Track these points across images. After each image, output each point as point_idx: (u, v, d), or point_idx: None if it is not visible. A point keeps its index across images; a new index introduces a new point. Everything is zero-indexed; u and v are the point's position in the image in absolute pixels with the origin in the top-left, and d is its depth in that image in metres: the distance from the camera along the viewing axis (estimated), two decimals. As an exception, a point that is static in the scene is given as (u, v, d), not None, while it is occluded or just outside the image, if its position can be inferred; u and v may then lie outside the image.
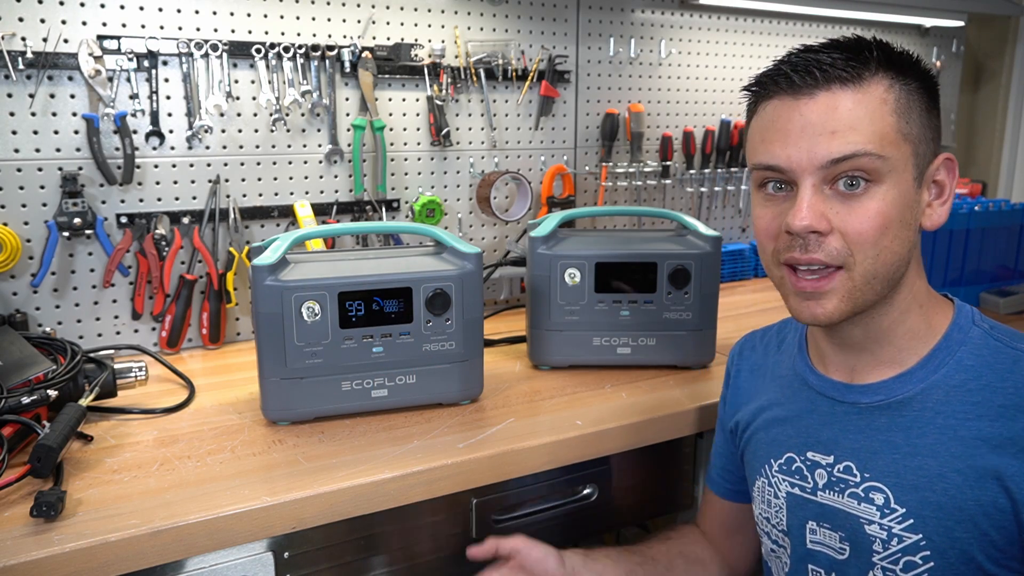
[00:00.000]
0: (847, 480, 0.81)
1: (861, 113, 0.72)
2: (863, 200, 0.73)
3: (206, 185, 1.47)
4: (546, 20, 1.76)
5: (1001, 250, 1.75)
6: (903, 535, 0.76)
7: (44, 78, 1.31)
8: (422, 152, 1.67)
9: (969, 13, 2.31)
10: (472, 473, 1.01)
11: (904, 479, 0.76)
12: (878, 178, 0.73)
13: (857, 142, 0.72)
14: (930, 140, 0.76)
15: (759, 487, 0.92)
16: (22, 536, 0.81)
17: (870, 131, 0.72)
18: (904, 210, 0.74)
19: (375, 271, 1.11)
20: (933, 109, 0.77)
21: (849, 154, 0.72)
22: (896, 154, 0.73)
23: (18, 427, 0.96)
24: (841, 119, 0.72)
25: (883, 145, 0.72)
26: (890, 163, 0.73)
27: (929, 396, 0.77)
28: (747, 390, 0.98)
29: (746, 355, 1.01)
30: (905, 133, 0.73)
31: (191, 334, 1.49)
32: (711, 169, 2.05)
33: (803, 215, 0.73)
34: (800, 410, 0.88)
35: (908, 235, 0.75)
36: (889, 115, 0.73)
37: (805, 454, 0.86)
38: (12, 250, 1.30)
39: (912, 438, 0.77)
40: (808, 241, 0.74)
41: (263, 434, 1.07)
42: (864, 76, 0.73)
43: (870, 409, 0.81)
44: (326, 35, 1.52)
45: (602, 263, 1.28)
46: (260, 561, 0.92)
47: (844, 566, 0.82)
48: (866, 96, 0.73)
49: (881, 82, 0.73)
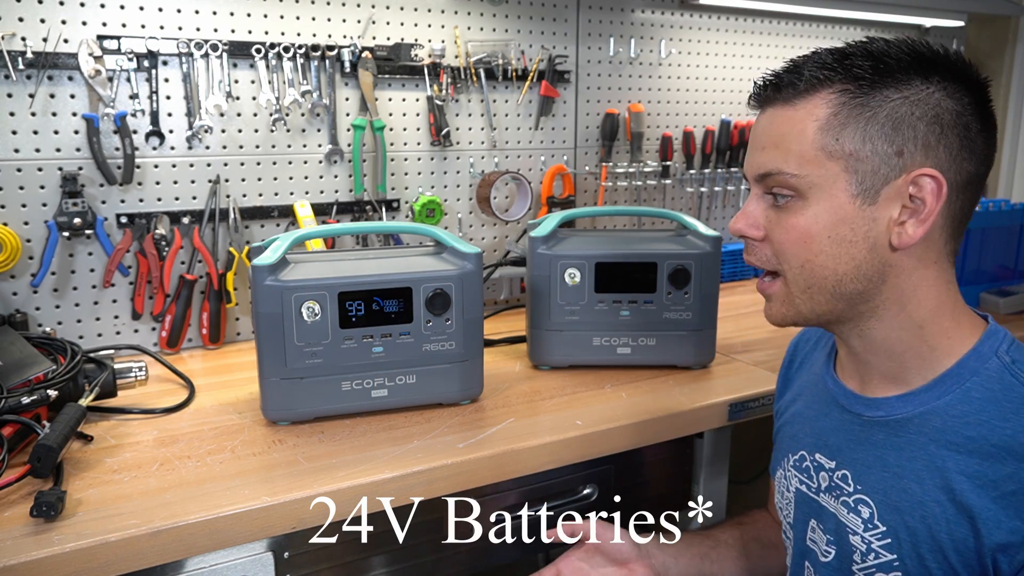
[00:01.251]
0: (842, 488, 0.82)
1: (787, 131, 0.75)
2: (788, 214, 0.76)
3: (206, 185, 1.47)
4: (546, 20, 1.76)
5: (1001, 250, 1.75)
6: (880, 552, 0.77)
7: (44, 78, 1.31)
8: (422, 152, 1.67)
9: (969, 13, 2.31)
10: (472, 473, 1.01)
11: (889, 498, 0.77)
12: (800, 194, 0.75)
13: (775, 160, 0.75)
14: (891, 155, 0.71)
15: (779, 477, 0.95)
16: (22, 536, 0.81)
17: (790, 150, 0.74)
18: (836, 226, 0.74)
19: (375, 271, 1.11)
20: (922, 120, 0.71)
21: (765, 172, 0.77)
22: (816, 172, 0.73)
23: (18, 427, 0.96)
24: (770, 136, 0.77)
25: (801, 164, 0.74)
26: (808, 180, 0.74)
27: (927, 421, 0.76)
28: (792, 379, 1.00)
29: (801, 346, 1.02)
30: (830, 151, 0.73)
31: (191, 334, 1.49)
32: (711, 169, 2.05)
33: (737, 219, 0.80)
34: (818, 412, 0.89)
35: (849, 252, 0.74)
36: (814, 133, 0.73)
37: (814, 455, 0.87)
38: (12, 250, 1.30)
39: (903, 459, 0.76)
40: (747, 244, 0.82)
41: (263, 434, 1.07)
42: (804, 94, 0.74)
43: (871, 423, 0.81)
44: (326, 35, 1.52)
45: (602, 263, 1.28)
46: (260, 561, 0.92)
47: (828, 569, 0.84)
48: (797, 113, 0.74)
49: (824, 98, 0.73)
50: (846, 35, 2.24)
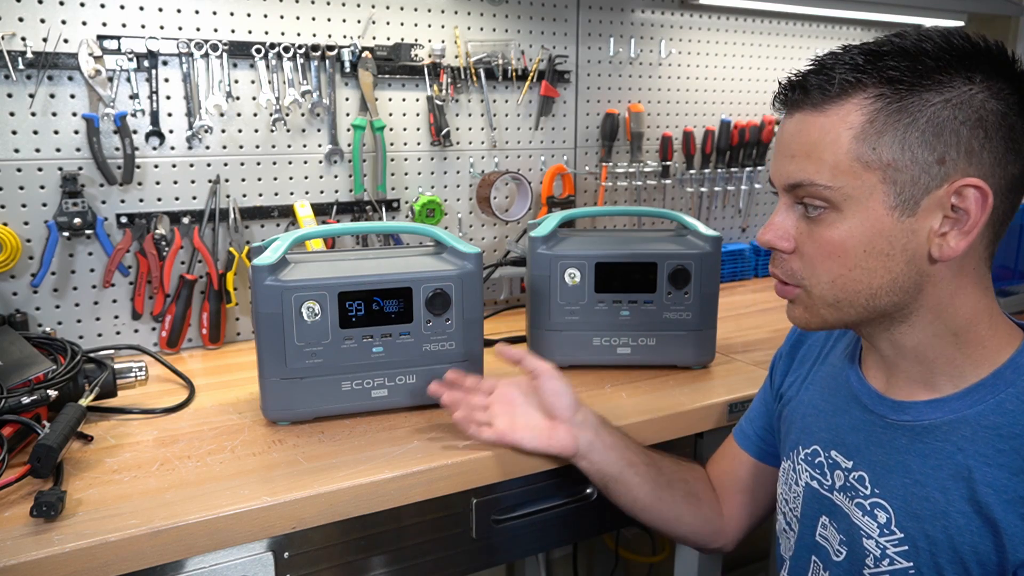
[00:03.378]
0: (858, 489, 0.80)
1: (819, 139, 0.70)
2: (820, 227, 0.72)
3: (206, 185, 1.47)
4: (546, 20, 1.76)
5: (1001, 250, 1.74)
6: (895, 558, 0.75)
7: (44, 78, 1.31)
8: (422, 152, 1.67)
9: (969, 13, 2.31)
10: (472, 473, 1.01)
11: (909, 505, 0.74)
12: (834, 206, 0.71)
13: (806, 171, 0.71)
14: (932, 163, 0.67)
15: (784, 468, 0.93)
16: (22, 536, 0.81)
17: (822, 160, 0.70)
18: (873, 239, 0.70)
19: (375, 271, 1.11)
20: (966, 124, 0.67)
21: (797, 182, 0.72)
22: (852, 183, 0.69)
23: (18, 427, 0.96)
24: (799, 144, 0.72)
25: (834, 175, 0.69)
26: (842, 192, 0.70)
27: (956, 430, 0.72)
28: (803, 359, 0.97)
29: (813, 331, 0.98)
30: (867, 161, 0.68)
31: (191, 334, 1.49)
32: (711, 169, 2.05)
33: (766, 231, 0.76)
34: (836, 407, 0.86)
35: (886, 264, 0.71)
36: (849, 142, 0.69)
37: (829, 452, 0.85)
38: (12, 250, 1.30)
39: (927, 467, 0.73)
40: (774, 255, 0.78)
41: (263, 434, 1.07)
42: (836, 99, 0.69)
43: (896, 426, 0.78)
44: (326, 35, 1.52)
45: (602, 263, 1.28)
46: (260, 561, 0.92)
47: (838, 569, 0.82)
48: (828, 120, 0.70)
49: (859, 103, 0.69)
50: (846, 35, 2.24)
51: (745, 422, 1.06)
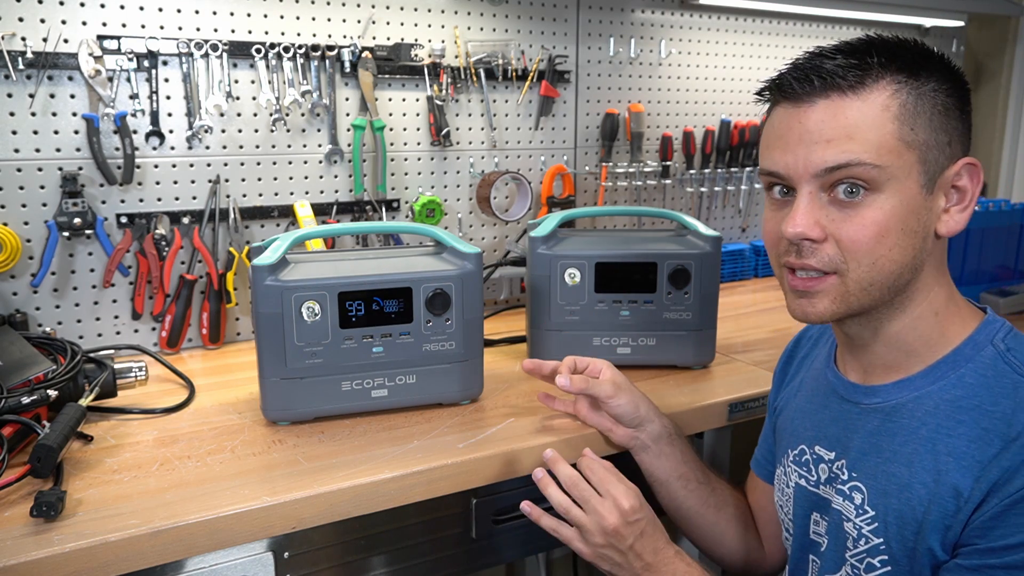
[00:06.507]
0: (839, 477, 0.83)
1: (859, 121, 0.71)
2: (860, 209, 0.73)
3: (206, 185, 1.47)
4: (546, 20, 1.76)
5: (1001, 250, 1.75)
6: (869, 536, 0.78)
7: (44, 78, 1.31)
8: (422, 152, 1.67)
9: (969, 13, 2.31)
10: (472, 473, 1.01)
11: (879, 483, 0.77)
12: (876, 187, 0.72)
13: (852, 151, 0.71)
14: (945, 144, 0.73)
15: (778, 475, 0.95)
16: (22, 536, 0.81)
17: (868, 140, 0.71)
18: (907, 218, 0.73)
19: (375, 271, 1.11)
20: (954, 110, 0.74)
21: (843, 163, 0.72)
22: (896, 163, 0.71)
23: (18, 427, 0.96)
24: (838, 127, 0.72)
25: (880, 154, 0.71)
26: (888, 172, 0.71)
27: (920, 406, 0.76)
28: (791, 375, 1.01)
29: (803, 343, 1.02)
30: (908, 140, 0.72)
31: (191, 334, 1.49)
32: (711, 169, 2.05)
33: (796, 222, 0.74)
34: (818, 405, 0.89)
35: (912, 243, 0.74)
36: (890, 122, 0.71)
37: (814, 448, 0.88)
38: (12, 250, 1.30)
39: (895, 444, 0.77)
40: (802, 247, 0.76)
41: (263, 434, 1.07)
42: (865, 83, 0.72)
43: (869, 411, 0.81)
44: (326, 35, 1.52)
45: (602, 263, 1.28)
46: (260, 561, 0.92)
47: (826, 557, 0.84)
48: (866, 104, 0.72)
49: (886, 88, 0.72)
50: (846, 35, 2.23)
51: (757, 450, 1.08)
